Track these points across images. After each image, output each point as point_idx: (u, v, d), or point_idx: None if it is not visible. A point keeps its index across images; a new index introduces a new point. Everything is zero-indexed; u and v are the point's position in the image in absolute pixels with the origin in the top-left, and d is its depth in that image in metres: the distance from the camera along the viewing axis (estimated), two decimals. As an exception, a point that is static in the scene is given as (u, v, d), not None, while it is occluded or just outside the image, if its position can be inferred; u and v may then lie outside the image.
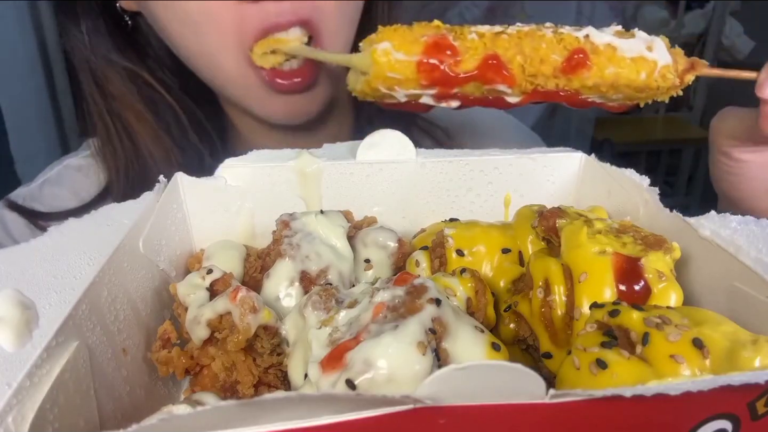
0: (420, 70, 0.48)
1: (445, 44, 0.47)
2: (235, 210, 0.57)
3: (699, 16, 2.38)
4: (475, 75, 0.48)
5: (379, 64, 0.48)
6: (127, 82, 0.77)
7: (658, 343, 0.32)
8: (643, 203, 0.50)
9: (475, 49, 0.48)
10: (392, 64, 0.48)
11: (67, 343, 0.34)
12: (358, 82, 0.52)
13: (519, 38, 0.48)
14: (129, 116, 0.77)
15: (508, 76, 0.48)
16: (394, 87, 0.49)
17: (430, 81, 0.48)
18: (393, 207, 0.59)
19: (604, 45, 0.49)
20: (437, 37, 0.48)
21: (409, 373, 0.33)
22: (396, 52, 0.48)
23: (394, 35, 0.49)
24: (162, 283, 0.50)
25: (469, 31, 0.49)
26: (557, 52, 0.48)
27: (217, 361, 0.44)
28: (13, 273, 0.38)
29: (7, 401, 0.29)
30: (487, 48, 0.48)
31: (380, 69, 0.48)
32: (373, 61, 0.48)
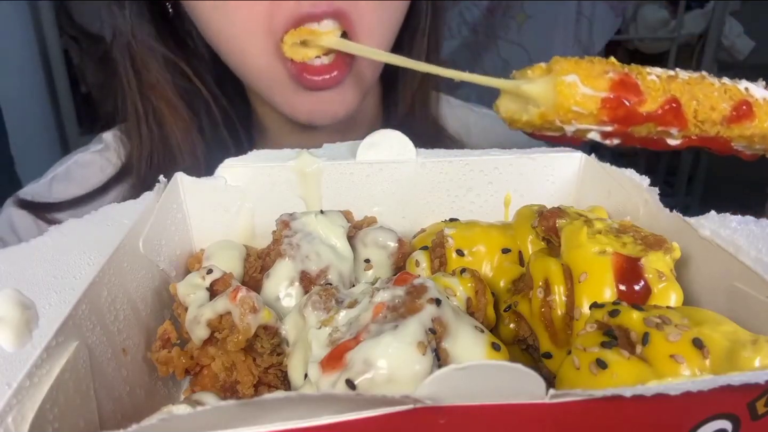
0: (605, 106, 0.47)
1: (631, 83, 0.47)
2: (235, 210, 0.57)
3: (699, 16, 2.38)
4: (655, 116, 0.48)
5: (565, 97, 0.47)
6: (164, 70, 0.76)
7: (658, 343, 0.32)
8: (643, 203, 0.50)
9: (656, 90, 0.47)
10: (577, 98, 0.47)
11: (67, 343, 0.34)
12: (526, 112, 0.50)
13: (690, 84, 0.48)
14: (162, 105, 0.76)
15: (684, 120, 0.48)
16: (572, 121, 0.48)
17: (612, 118, 0.48)
18: (393, 207, 0.59)
19: (762, 99, 0.49)
20: (623, 75, 0.47)
21: (409, 373, 0.33)
22: (583, 86, 0.47)
23: (577, 68, 0.47)
24: (162, 283, 0.50)
25: (648, 72, 0.48)
26: (725, 101, 0.48)
27: (217, 361, 0.44)
28: (13, 273, 0.38)
29: (6, 401, 0.29)
30: (666, 91, 0.48)
31: (565, 101, 0.47)
32: (558, 92, 0.47)
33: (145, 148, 0.77)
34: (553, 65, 0.48)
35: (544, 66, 0.49)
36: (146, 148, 0.77)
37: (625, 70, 0.48)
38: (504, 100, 0.53)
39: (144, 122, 0.77)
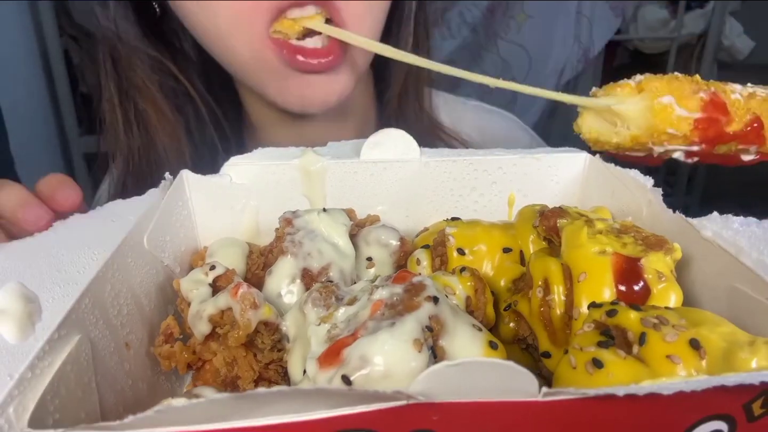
0: (697, 127, 0.47)
1: (721, 103, 0.47)
2: (240, 208, 0.58)
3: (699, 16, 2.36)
4: (739, 135, 0.48)
5: (661, 120, 0.47)
6: (150, 71, 0.76)
7: (654, 344, 0.32)
8: (647, 204, 0.50)
9: (740, 109, 0.47)
10: (673, 120, 0.46)
11: (70, 336, 0.35)
12: (616, 134, 0.49)
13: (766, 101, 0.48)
14: (148, 107, 0.76)
15: (763, 138, 0.48)
16: (663, 143, 0.48)
17: (702, 138, 0.48)
18: (397, 206, 0.59)
19: None
20: (712, 95, 0.47)
21: (405, 369, 0.33)
22: (678, 107, 0.46)
23: (670, 88, 0.47)
24: (166, 279, 0.50)
25: (731, 90, 0.48)
26: None
27: (218, 357, 0.44)
28: (17, 267, 0.38)
29: (8, 392, 0.29)
30: (749, 110, 0.47)
31: (661, 124, 0.47)
32: (655, 115, 0.47)
33: (132, 154, 0.77)
34: (645, 84, 0.47)
35: (634, 85, 0.48)
36: (133, 154, 0.77)
37: (712, 89, 0.47)
38: (587, 119, 0.51)
39: (128, 126, 0.76)
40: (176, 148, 0.77)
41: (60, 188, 0.47)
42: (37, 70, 1.85)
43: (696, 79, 0.48)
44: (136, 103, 0.76)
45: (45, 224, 0.44)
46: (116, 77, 0.76)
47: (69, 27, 1.90)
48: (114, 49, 0.75)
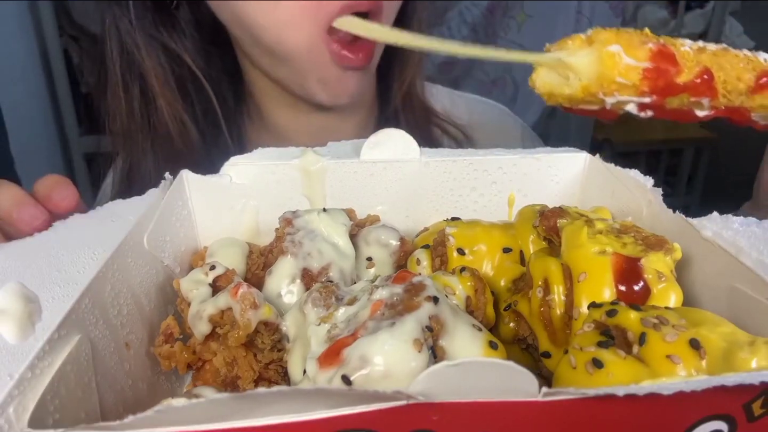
0: (646, 76, 0.47)
1: (669, 53, 0.47)
2: (240, 208, 0.58)
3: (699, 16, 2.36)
4: (690, 86, 0.48)
5: (609, 68, 0.46)
6: (157, 57, 0.77)
7: (654, 344, 0.32)
8: (647, 204, 0.50)
9: (690, 61, 0.47)
10: (621, 69, 0.46)
11: (70, 336, 0.35)
12: (567, 85, 0.49)
13: (717, 55, 0.48)
14: (161, 99, 0.77)
15: (714, 91, 0.48)
16: (614, 92, 0.48)
17: (651, 89, 0.47)
18: (397, 206, 0.59)
19: None
20: (661, 46, 0.47)
21: (405, 369, 0.33)
22: (626, 56, 0.46)
23: (618, 38, 0.47)
24: (166, 279, 0.50)
25: (681, 43, 0.48)
26: (749, 72, 0.48)
27: (218, 356, 0.44)
28: (17, 266, 0.38)
29: (8, 392, 0.29)
30: (699, 62, 0.47)
31: (609, 72, 0.46)
32: (602, 63, 0.46)
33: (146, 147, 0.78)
34: (594, 36, 0.47)
35: (584, 37, 0.48)
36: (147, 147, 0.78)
37: (661, 41, 0.47)
38: (541, 74, 0.51)
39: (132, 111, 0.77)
40: (189, 141, 0.78)
41: (56, 189, 0.47)
42: (37, 70, 1.85)
43: (645, 32, 0.48)
44: (142, 88, 0.77)
45: (40, 224, 0.44)
46: (123, 63, 0.77)
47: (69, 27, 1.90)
48: (122, 36, 0.76)
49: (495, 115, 0.97)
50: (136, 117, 0.78)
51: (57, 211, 0.46)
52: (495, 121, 0.96)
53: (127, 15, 0.75)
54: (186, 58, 0.78)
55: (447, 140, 0.88)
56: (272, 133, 0.86)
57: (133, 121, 0.78)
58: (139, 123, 0.78)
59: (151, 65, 0.76)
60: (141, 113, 0.78)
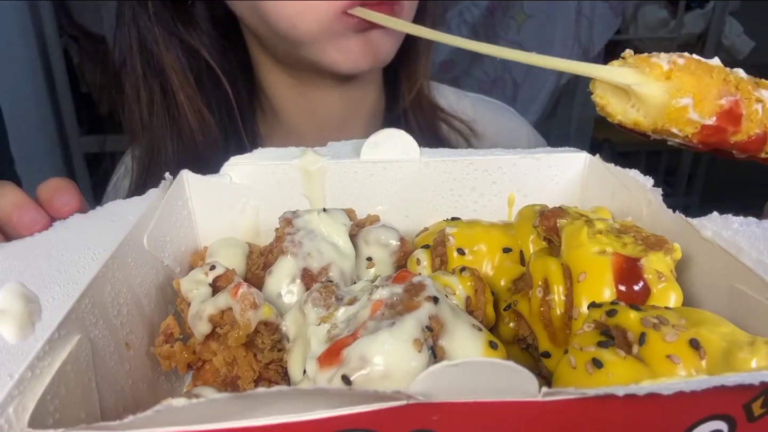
0: (702, 132, 0.45)
1: (737, 113, 0.45)
2: (240, 207, 0.58)
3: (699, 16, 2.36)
4: (739, 145, 0.46)
5: (671, 120, 0.45)
6: (183, 56, 0.79)
7: (654, 344, 0.32)
8: (647, 204, 0.50)
9: (753, 122, 0.45)
10: (682, 122, 0.45)
11: (69, 336, 0.35)
12: (624, 112, 0.47)
13: None
14: (180, 93, 0.78)
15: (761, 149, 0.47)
16: (663, 135, 0.47)
17: (701, 141, 0.46)
18: (397, 206, 0.59)
19: None
20: (733, 104, 0.45)
21: (405, 369, 0.33)
22: (693, 111, 0.44)
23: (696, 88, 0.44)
24: (166, 279, 0.50)
25: (755, 99, 0.45)
26: None
27: (218, 356, 0.44)
28: (17, 266, 0.38)
29: (8, 392, 0.29)
30: (762, 124, 0.45)
31: (669, 123, 0.45)
32: (667, 114, 0.45)
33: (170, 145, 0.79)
34: (674, 75, 0.45)
35: (666, 69, 0.45)
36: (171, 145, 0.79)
37: (737, 96, 0.45)
38: (604, 86, 0.48)
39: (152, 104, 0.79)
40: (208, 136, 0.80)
41: (58, 194, 0.47)
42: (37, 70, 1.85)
43: (729, 77, 0.46)
44: (161, 83, 0.79)
45: (40, 228, 0.44)
46: (143, 59, 0.78)
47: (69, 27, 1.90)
48: (141, 32, 0.77)
49: (501, 115, 0.98)
50: (156, 110, 0.79)
51: (58, 216, 0.46)
52: (501, 120, 0.96)
53: (146, 11, 0.76)
54: (203, 53, 0.79)
55: (454, 136, 0.89)
56: (283, 127, 0.88)
57: (153, 114, 0.80)
58: (160, 116, 0.80)
59: (170, 60, 0.77)
60: (161, 107, 0.79)
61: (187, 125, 0.79)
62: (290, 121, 0.87)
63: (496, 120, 0.96)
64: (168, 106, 0.79)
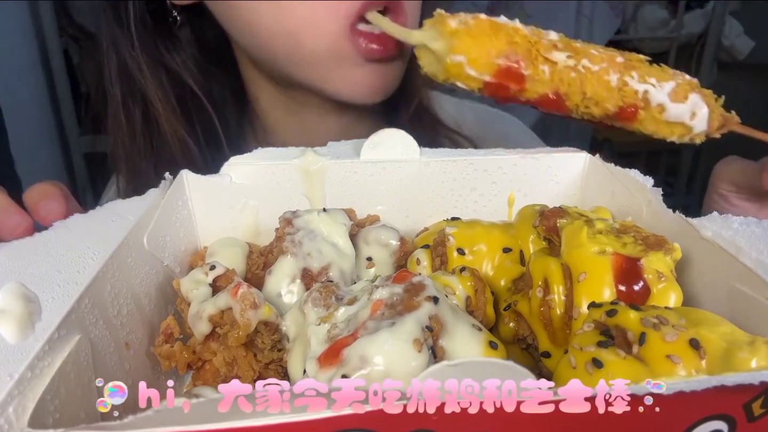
0: (486, 88, 0.51)
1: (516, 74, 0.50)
2: (240, 207, 0.58)
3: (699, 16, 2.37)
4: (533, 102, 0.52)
5: (452, 74, 0.51)
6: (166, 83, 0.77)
7: (654, 343, 0.32)
8: (647, 204, 0.50)
9: (541, 82, 0.50)
10: (463, 77, 0.51)
11: (69, 336, 0.35)
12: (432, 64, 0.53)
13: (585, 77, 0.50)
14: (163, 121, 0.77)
15: (563, 108, 0.52)
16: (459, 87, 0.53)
17: (492, 94, 0.52)
18: (397, 206, 0.59)
19: (656, 105, 0.51)
20: (513, 62, 0.49)
21: (405, 369, 0.33)
22: (469, 67, 0.50)
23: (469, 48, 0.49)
24: (166, 279, 0.50)
25: (543, 60, 0.50)
26: (614, 102, 0.51)
27: (218, 356, 0.44)
28: (18, 267, 0.38)
29: (8, 392, 0.29)
30: (553, 84, 0.50)
31: (451, 77, 0.51)
32: (446, 69, 0.51)
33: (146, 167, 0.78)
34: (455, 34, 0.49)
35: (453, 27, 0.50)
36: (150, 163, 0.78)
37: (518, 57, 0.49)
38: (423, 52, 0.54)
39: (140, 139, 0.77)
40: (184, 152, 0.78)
41: (44, 200, 0.46)
42: (37, 70, 1.85)
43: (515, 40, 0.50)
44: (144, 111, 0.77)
45: (22, 232, 0.44)
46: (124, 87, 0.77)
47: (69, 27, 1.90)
48: (122, 59, 0.76)
49: (503, 125, 0.97)
50: (138, 140, 0.78)
51: (43, 224, 0.46)
52: (503, 131, 0.95)
53: (129, 37, 0.74)
54: (187, 79, 0.78)
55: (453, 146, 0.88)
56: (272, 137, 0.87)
57: (135, 143, 0.78)
58: (141, 145, 0.78)
59: (153, 87, 0.76)
60: (143, 136, 0.78)
61: (170, 153, 0.77)
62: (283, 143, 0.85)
63: (498, 129, 0.95)
64: (150, 134, 0.77)
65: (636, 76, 0.51)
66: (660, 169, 2.67)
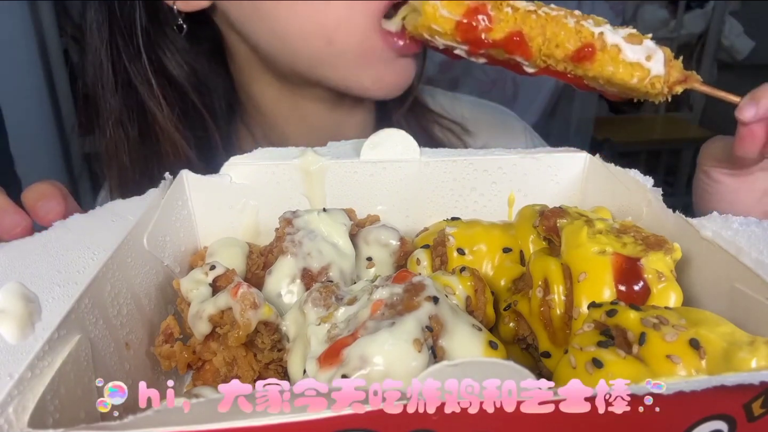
0: (458, 28, 0.57)
1: (483, 12, 0.56)
2: (240, 207, 0.58)
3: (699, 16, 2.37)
4: (500, 43, 0.57)
5: (427, 15, 0.58)
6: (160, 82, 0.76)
7: (654, 343, 0.32)
8: (647, 203, 0.50)
9: (506, 21, 0.56)
10: (437, 18, 0.57)
11: (69, 336, 0.35)
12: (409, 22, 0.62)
13: (545, 21, 0.56)
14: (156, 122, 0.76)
15: (527, 52, 0.57)
16: (435, 36, 0.60)
17: (464, 39, 0.58)
18: (397, 206, 0.59)
19: (611, 45, 0.56)
20: (478, 4, 0.56)
21: (405, 369, 0.33)
22: (442, 8, 0.57)
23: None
24: (166, 279, 0.50)
25: (506, 4, 0.57)
26: (572, 42, 0.56)
27: (218, 356, 0.44)
28: (18, 267, 0.38)
29: (8, 392, 0.29)
30: (516, 24, 0.56)
31: (426, 19, 0.58)
32: (423, 11, 0.58)
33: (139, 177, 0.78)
34: None
35: None
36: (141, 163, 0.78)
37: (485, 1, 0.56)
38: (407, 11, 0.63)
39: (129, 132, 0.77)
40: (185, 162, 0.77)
41: (42, 200, 0.46)
42: (37, 70, 1.85)
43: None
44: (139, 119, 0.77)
45: (21, 231, 0.44)
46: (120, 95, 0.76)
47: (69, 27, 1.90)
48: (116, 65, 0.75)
49: (498, 117, 0.98)
50: (130, 139, 0.78)
51: (41, 224, 0.46)
52: (498, 123, 0.96)
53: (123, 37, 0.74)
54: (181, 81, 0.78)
55: (447, 136, 0.88)
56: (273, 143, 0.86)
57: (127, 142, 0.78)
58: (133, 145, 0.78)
59: (151, 92, 0.75)
60: (136, 135, 0.77)
61: (167, 160, 0.77)
62: (282, 137, 0.86)
63: (492, 121, 0.96)
64: (142, 133, 0.77)
65: (591, 22, 0.57)
66: (660, 169, 2.67)
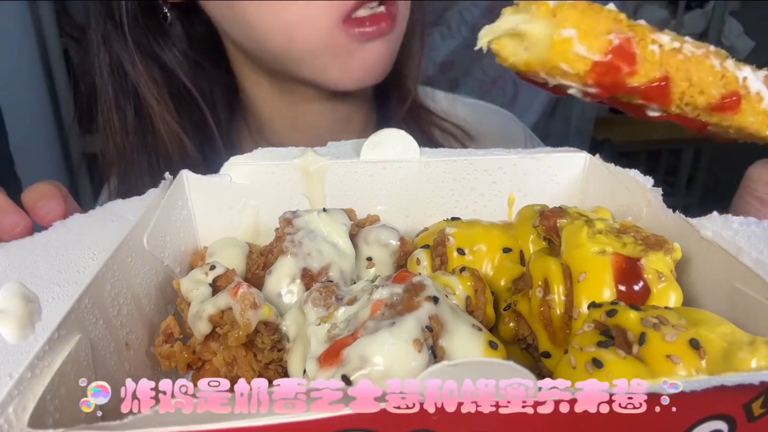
0: (594, 70, 0.44)
1: (629, 52, 0.44)
2: (240, 207, 0.58)
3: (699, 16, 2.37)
4: (640, 90, 0.45)
5: (557, 53, 0.43)
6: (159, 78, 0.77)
7: (654, 343, 0.32)
8: (647, 204, 0.50)
9: (652, 63, 0.44)
10: (569, 56, 0.43)
11: (69, 336, 0.35)
12: (515, 54, 0.46)
13: (691, 62, 0.45)
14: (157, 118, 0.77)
15: (668, 100, 0.46)
16: (557, 76, 0.45)
17: (597, 83, 0.45)
18: (397, 206, 0.59)
19: (755, 92, 0.47)
20: (624, 41, 0.44)
21: (405, 369, 0.33)
22: (579, 43, 0.43)
23: (580, 21, 0.43)
24: (166, 279, 0.50)
25: (651, 40, 0.45)
26: (717, 88, 0.46)
27: (218, 356, 0.44)
28: (17, 267, 0.38)
29: (8, 392, 0.29)
30: (662, 67, 0.44)
31: (555, 58, 0.43)
32: (551, 47, 0.43)
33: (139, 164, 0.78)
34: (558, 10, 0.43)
35: (552, 6, 0.44)
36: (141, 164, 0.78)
37: (629, 34, 0.44)
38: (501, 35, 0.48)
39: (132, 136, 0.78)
40: (180, 148, 0.78)
41: (42, 201, 0.46)
42: (37, 70, 1.85)
43: (619, 17, 0.45)
44: (136, 108, 0.77)
45: (21, 231, 0.44)
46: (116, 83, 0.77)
47: (69, 27, 1.89)
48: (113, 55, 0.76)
49: (498, 119, 0.98)
50: (130, 136, 0.78)
51: (41, 224, 0.46)
52: (498, 125, 0.96)
53: (118, 31, 0.75)
54: (180, 75, 0.78)
55: (448, 140, 0.88)
56: (270, 143, 0.86)
57: (127, 141, 0.78)
58: (133, 142, 0.78)
59: (145, 83, 0.76)
60: (136, 132, 0.78)
61: (164, 149, 0.77)
62: (277, 137, 0.86)
63: (491, 123, 0.96)
64: (143, 131, 0.77)
65: (732, 63, 0.46)
66: (660, 169, 2.67)
